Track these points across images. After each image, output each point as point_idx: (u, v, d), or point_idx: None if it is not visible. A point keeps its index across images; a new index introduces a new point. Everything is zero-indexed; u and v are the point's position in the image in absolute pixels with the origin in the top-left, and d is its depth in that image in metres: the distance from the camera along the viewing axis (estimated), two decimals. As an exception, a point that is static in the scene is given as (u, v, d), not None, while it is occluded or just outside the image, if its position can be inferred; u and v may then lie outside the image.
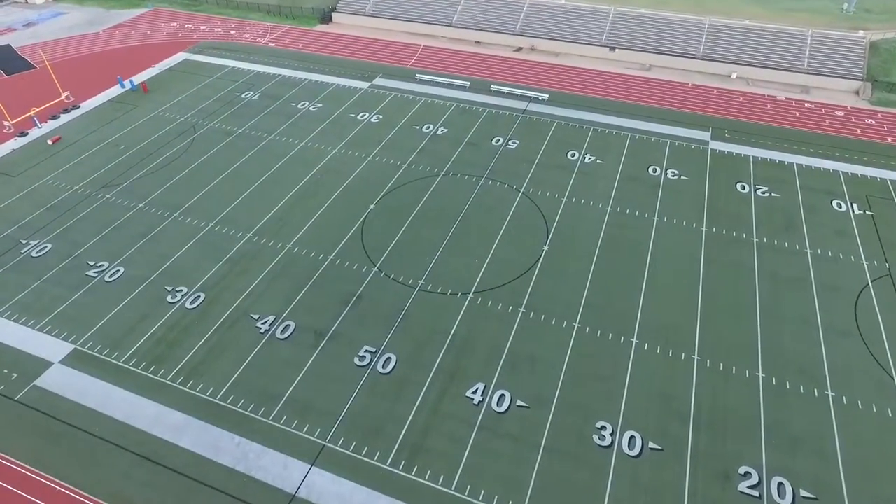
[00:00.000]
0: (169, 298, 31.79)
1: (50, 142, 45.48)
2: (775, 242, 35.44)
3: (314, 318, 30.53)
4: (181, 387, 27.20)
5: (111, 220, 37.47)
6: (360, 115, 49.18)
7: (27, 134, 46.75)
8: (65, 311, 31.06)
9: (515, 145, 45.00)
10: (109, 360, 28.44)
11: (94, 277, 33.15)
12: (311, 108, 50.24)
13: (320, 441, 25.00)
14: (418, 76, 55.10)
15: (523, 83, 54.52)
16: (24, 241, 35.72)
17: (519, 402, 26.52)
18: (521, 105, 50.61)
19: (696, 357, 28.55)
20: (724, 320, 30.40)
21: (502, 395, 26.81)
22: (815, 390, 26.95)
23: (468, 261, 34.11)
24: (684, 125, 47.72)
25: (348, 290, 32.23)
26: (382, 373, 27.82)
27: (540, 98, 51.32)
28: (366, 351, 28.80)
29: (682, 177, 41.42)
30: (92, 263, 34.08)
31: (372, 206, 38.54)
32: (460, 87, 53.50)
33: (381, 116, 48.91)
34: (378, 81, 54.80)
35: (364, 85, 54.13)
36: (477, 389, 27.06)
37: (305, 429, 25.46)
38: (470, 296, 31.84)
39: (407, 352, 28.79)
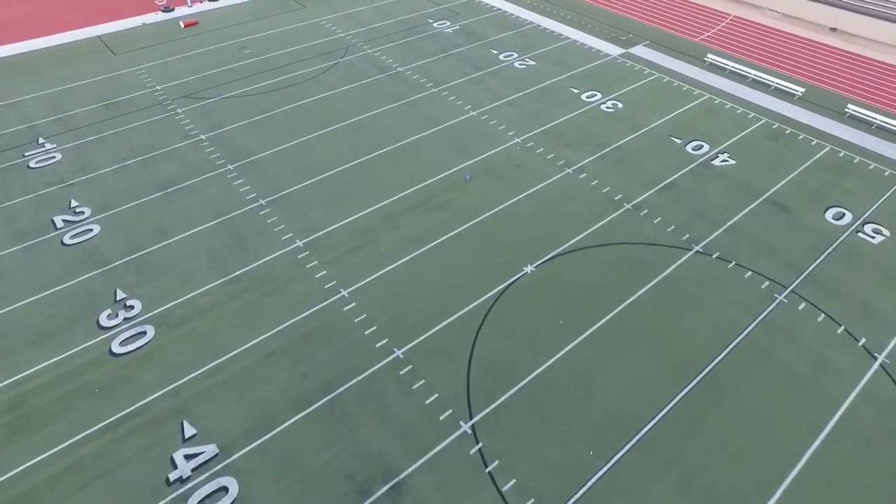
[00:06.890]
0: (104, 317, 17.34)
1: (182, 24, 35.05)
2: None
3: (286, 500, 13.18)
4: (-49, 546, 12.47)
5: (150, 146, 24.64)
6: (588, 93, 29.16)
7: (172, 10, 37.15)
8: (-25, 271, 18.81)
9: (880, 240, 20.86)
10: (-72, 404, 15.06)
11: (58, 230, 20.39)
12: (515, 64, 31.73)
13: None
14: (709, 57, 32.45)
15: (914, 115, 28.24)
16: (41, 142, 24.82)
17: None
18: (904, 156, 25.22)
19: None
20: None
21: None
22: None
23: (691, 511, 13.12)
24: None
25: (390, 460, 14.02)
26: None
27: (953, 153, 25.15)
28: None
29: None
30: (73, 206, 21.43)
31: (528, 269, 19.20)
32: (784, 93, 29.67)
33: (619, 104, 28.28)
34: (637, 51, 33.62)
35: (615, 51, 33.49)
36: None
37: None
38: None
39: None
